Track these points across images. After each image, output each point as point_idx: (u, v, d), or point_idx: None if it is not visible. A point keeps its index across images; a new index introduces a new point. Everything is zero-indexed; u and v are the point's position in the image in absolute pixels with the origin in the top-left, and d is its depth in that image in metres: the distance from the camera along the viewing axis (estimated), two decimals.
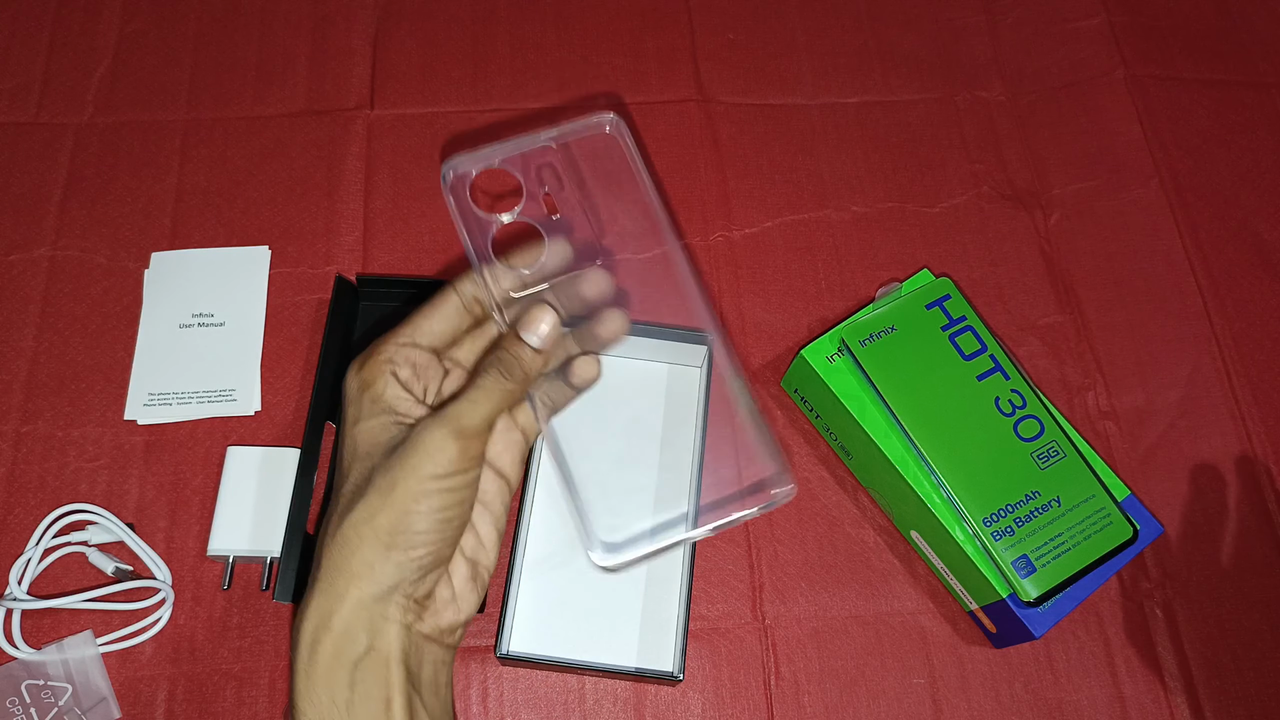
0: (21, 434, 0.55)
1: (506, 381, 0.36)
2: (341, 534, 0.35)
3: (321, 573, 0.35)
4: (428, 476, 0.35)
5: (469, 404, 0.36)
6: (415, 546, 0.35)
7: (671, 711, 0.51)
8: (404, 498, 0.35)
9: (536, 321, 0.37)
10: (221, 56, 0.66)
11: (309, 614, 0.35)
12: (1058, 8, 0.71)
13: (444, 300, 0.39)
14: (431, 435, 0.35)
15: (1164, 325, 0.61)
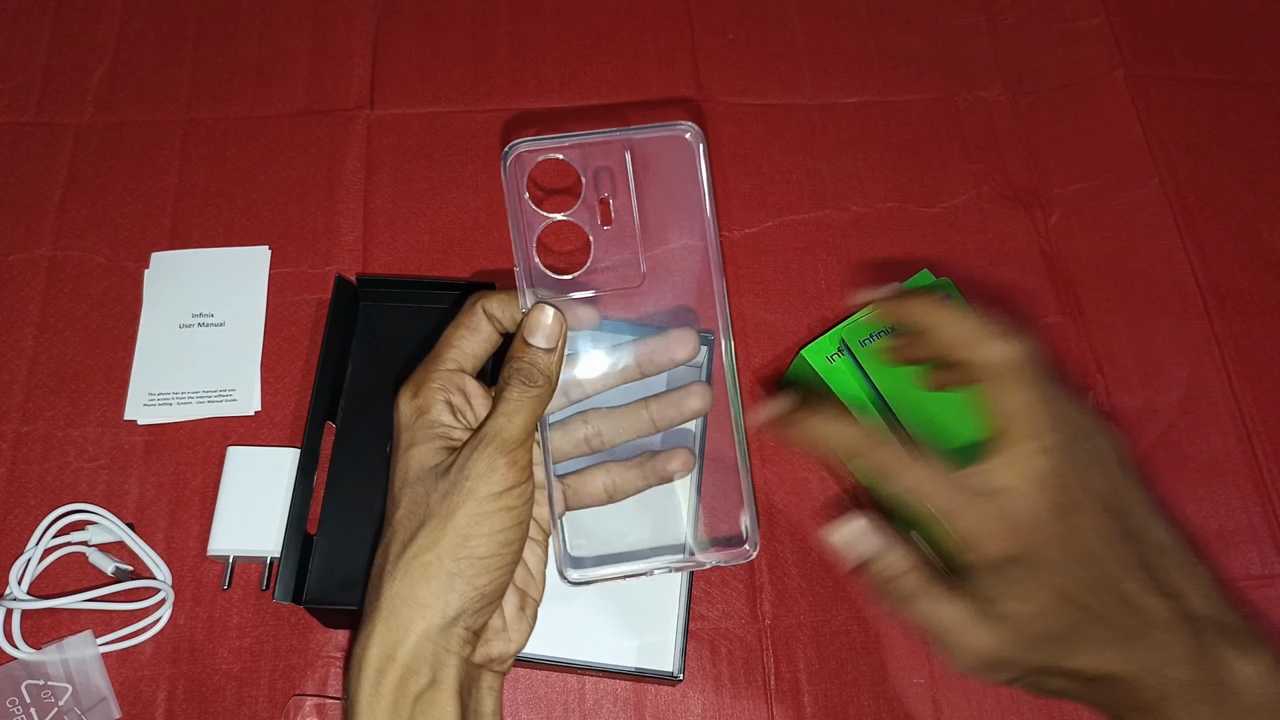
0: (21, 434, 0.55)
1: (530, 388, 0.37)
2: (405, 563, 0.35)
3: (384, 601, 0.35)
4: (485, 497, 0.35)
5: (504, 419, 0.37)
6: (480, 574, 0.35)
7: (671, 711, 0.51)
8: (465, 522, 0.35)
9: (538, 323, 0.37)
10: (221, 56, 0.66)
11: (373, 643, 0.35)
12: (1058, 8, 0.71)
13: (475, 322, 0.40)
14: (480, 456, 0.36)
15: (1164, 325, 0.61)
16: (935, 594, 0.35)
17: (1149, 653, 0.33)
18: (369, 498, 0.51)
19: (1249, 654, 0.33)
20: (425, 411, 0.38)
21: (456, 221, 0.62)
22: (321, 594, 0.49)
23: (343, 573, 0.50)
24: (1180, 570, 0.35)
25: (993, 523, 0.34)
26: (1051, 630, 0.34)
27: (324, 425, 0.52)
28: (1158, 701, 0.33)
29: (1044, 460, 0.34)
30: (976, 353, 0.35)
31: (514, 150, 0.37)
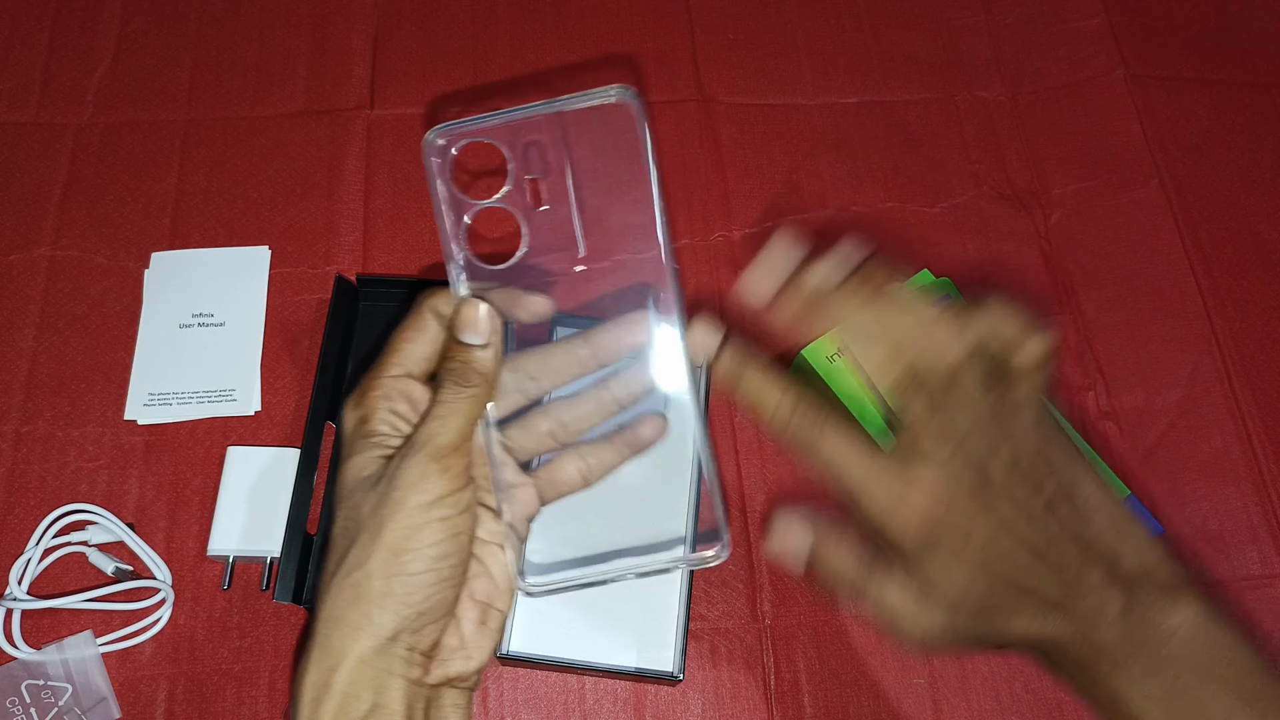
0: (21, 434, 0.55)
1: (464, 389, 0.35)
2: (336, 584, 0.33)
3: (319, 626, 0.33)
4: (416, 508, 0.33)
5: (437, 422, 0.34)
6: (414, 591, 0.33)
7: (671, 711, 0.51)
8: (395, 536, 0.33)
9: (468, 319, 0.35)
10: (221, 56, 0.66)
11: (309, 671, 0.33)
12: (1058, 8, 0.71)
13: (423, 323, 0.37)
14: (410, 464, 0.33)
15: (1164, 325, 0.61)
16: (877, 579, 0.35)
17: (1078, 617, 0.33)
18: None
19: (1179, 605, 0.33)
20: (366, 420, 0.35)
21: None
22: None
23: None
24: (1112, 529, 0.35)
25: (913, 491, 0.34)
26: (983, 603, 0.34)
27: (324, 425, 0.52)
28: (1092, 661, 0.34)
29: (964, 440, 0.34)
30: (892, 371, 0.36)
31: (433, 137, 0.35)
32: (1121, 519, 0.35)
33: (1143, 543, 0.35)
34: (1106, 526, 0.35)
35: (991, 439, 0.34)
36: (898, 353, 0.36)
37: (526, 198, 0.36)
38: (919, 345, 0.35)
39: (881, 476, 0.34)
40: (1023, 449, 0.35)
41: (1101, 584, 0.33)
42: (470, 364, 0.35)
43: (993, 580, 0.34)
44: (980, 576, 0.34)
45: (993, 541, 0.34)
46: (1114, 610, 0.33)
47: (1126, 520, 0.35)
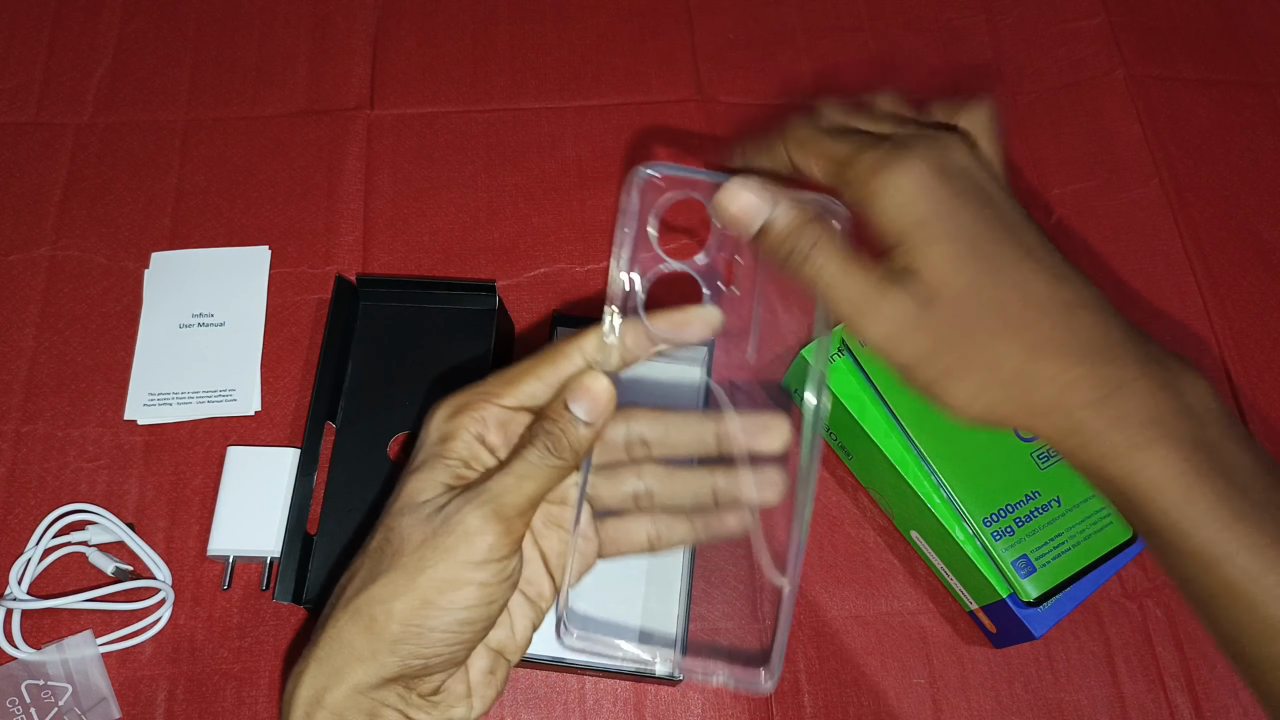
0: (21, 434, 0.55)
1: (552, 457, 0.32)
2: (354, 605, 0.32)
3: (324, 638, 0.32)
4: (461, 563, 0.31)
5: (513, 480, 0.32)
6: (428, 646, 0.31)
7: (671, 711, 0.51)
8: (429, 586, 0.31)
9: (586, 390, 0.32)
10: (221, 56, 0.66)
11: (304, 682, 0.32)
12: (1058, 8, 0.71)
13: (565, 361, 0.34)
14: (470, 516, 0.31)
15: (1164, 325, 0.61)
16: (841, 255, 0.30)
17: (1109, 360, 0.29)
18: (369, 498, 0.51)
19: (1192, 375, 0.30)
20: (451, 438, 0.33)
21: (456, 221, 0.62)
22: (321, 594, 0.49)
23: (343, 573, 0.50)
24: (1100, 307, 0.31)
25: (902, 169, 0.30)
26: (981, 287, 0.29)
27: (324, 425, 0.52)
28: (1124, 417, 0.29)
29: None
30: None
31: (646, 171, 0.32)
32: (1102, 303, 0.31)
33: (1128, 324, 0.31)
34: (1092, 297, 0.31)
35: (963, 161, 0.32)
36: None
37: (719, 273, 0.33)
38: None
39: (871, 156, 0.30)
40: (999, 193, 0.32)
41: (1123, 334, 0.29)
42: (567, 436, 0.32)
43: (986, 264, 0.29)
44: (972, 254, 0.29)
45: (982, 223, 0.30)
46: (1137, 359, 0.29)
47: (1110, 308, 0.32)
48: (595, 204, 0.63)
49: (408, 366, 0.54)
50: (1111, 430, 0.29)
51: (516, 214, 0.62)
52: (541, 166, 0.64)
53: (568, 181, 0.63)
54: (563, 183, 0.63)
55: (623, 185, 0.32)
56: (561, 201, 0.63)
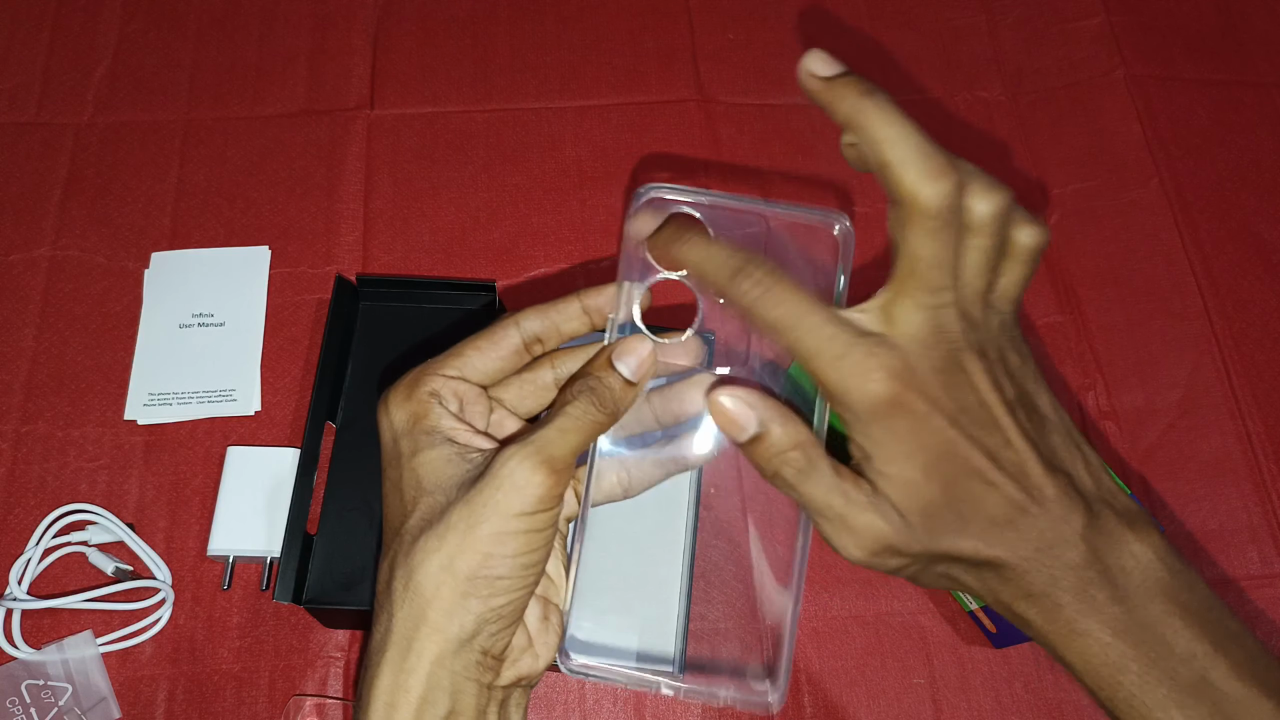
0: (21, 434, 0.55)
1: (598, 412, 0.33)
2: (416, 582, 0.32)
3: (395, 625, 0.32)
4: (514, 514, 0.32)
5: (558, 432, 0.33)
6: (496, 594, 0.32)
7: (671, 711, 0.51)
8: (487, 539, 0.32)
9: (632, 351, 0.34)
10: (221, 56, 0.66)
11: (383, 671, 0.32)
12: (1058, 8, 0.71)
13: (502, 336, 0.36)
14: (520, 467, 0.32)
15: (1164, 325, 0.61)
16: (822, 472, 0.31)
17: (1040, 531, 0.30)
18: (369, 498, 0.51)
19: (1140, 534, 0.31)
20: (423, 417, 0.34)
21: (456, 221, 0.62)
22: (321, 594, 0.49)
23: (343, 573, 0.50)
24: (1068, 446, 0.32)
25: (871, 361, 0.30)
26: (938, 502, 0.31)
27: (324, 425, 0.52)
28: (1049, 587, 0.31)
29: (943, 311, 0.30)
30: (903, 184, 0.30)
31: (646, 195, 0.34)
32: (1077, 438, 0.33)
33: (1098, 467, 0.33)
34: (1063, 442, 0.32)
35: (980, 325, 0.31)
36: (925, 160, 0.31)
37: None
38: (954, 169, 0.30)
39: (841, 340, 0.30)
40: (989, 342, 0.31)
41: (1062, 498, 0.31)
42: (613, 392, 0.34)
43: (947, 477, 0.30)
44: (935, 470, 0.30)
45: (952, 430, 0.30)
46: (1076, 528, 0.30)
47: (1082, 441, 0.33)
48: (595, 204, 0.63)
49: (408, 366, 0.54)
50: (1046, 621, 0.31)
51: (516, 214, 0.62)
52: (541, 166, 0.64)
53: (568, 181, 0.63)
54: (563, 183, 0.63)
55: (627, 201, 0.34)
56: (561, 201, 0.63)
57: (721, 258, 0.32)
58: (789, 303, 0.31)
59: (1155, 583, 0.31)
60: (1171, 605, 0.30)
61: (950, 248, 0.30)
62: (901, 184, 0.30)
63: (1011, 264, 0.32)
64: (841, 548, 0.32)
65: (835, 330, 0.30)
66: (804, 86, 0.32)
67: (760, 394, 0.32)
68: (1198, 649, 0.30)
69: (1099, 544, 0.31)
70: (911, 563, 0.32)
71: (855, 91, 0.31)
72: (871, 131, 0.31)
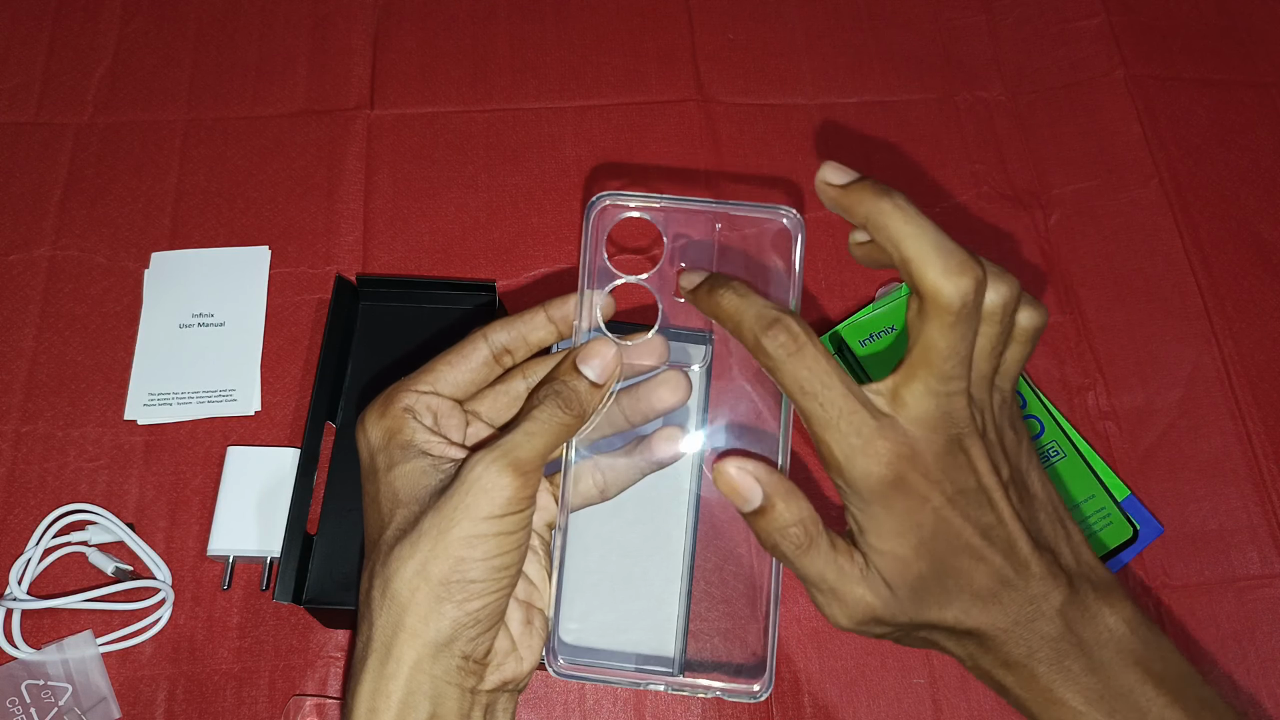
0: (21, 434, 0.55)
1: (564, 414, 0.35)
2: (392, 590, 0.33)
3: (376, 632, 0.33)
4: (483, 518, 0.33)
5: (525, 436, 0.34)
6: (470, 598, 0.33)
7: (671, 711, 0.51)
8: (458, 544, 0.32)
9: (597, 354, 0.35)
10: (221, 56, 0.66)
11: (364, 678, 0.33)
12: (1058, 8, 0.71)
13: (471, 349, 0.37)
14: (486, 470, 0.33)
15: (1164, 325, 0.61)
16: (820, 548, 0.33)
17: (1020, 605, 0.32)
18: None
19: (1115, 606, 0.33)
20: (397, 432, 0.35)
21: (456, 221, 0.62)
22: (321, 594, 0.49)
23: (343, 573, 0.50)
24: (1053, 523, 0.34)
25: (880, 444, 0.31)
26: (926, 577, 0.32)
27: (324, 425, 0.52)
28: (1026, 657, 0.32)
29: (954, 399, 0.32)
30: (925, 280, 0.31)
31: (600, 202, 0.36)
32: (1062, 514, 0.34)
33: (1079, 543, 0.34)
34: (1049, 520, 0.34)
35: (985, 411, 0.33)
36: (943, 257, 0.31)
37: (671, 286, 0.36)
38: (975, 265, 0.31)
39: (854, 413, 0.31)
40: (990, 422, 0.33)
41: (1044, 575, 0.32)
42: (579, 395, 0.35)
43: (937, 555, 0.32)
44: (926, 548, 0.32)
45: (948, 511, 0.32)
46: (1055, 603, 0.32)
47: (1066, 517, 0.35)
48: None
49: (408, 366, 0.54)
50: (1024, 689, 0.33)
51: (516, 214, 0.62)
52: (541, 166, 0.64)
53: (568, 181, 0.63)
54: (563, 183, 0.63)
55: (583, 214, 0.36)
56: (561, 201, 0.63)
57: (756, 310, 0.33)
58: (815, 370, 0.32)
59: (1128, 653, 0.32)
60: (1144, 674, 0.32)
61: (967, 341, 0.31)
62: (924, 280, 0.31)
63: (1014, 345, 0.33)
64: (831, 616, 0.33)
65: (854, 405, 0.31)
66: (822, 196, 0.33)
67: (766, 468, 0.34)
68: (1170, 716, 0.32)
69: (1075, 617, 0.32)
70: (895, 630, 0.33)
71: (872, 194, 0.32)
72: (891, 231, 0.31)
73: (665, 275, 0.36)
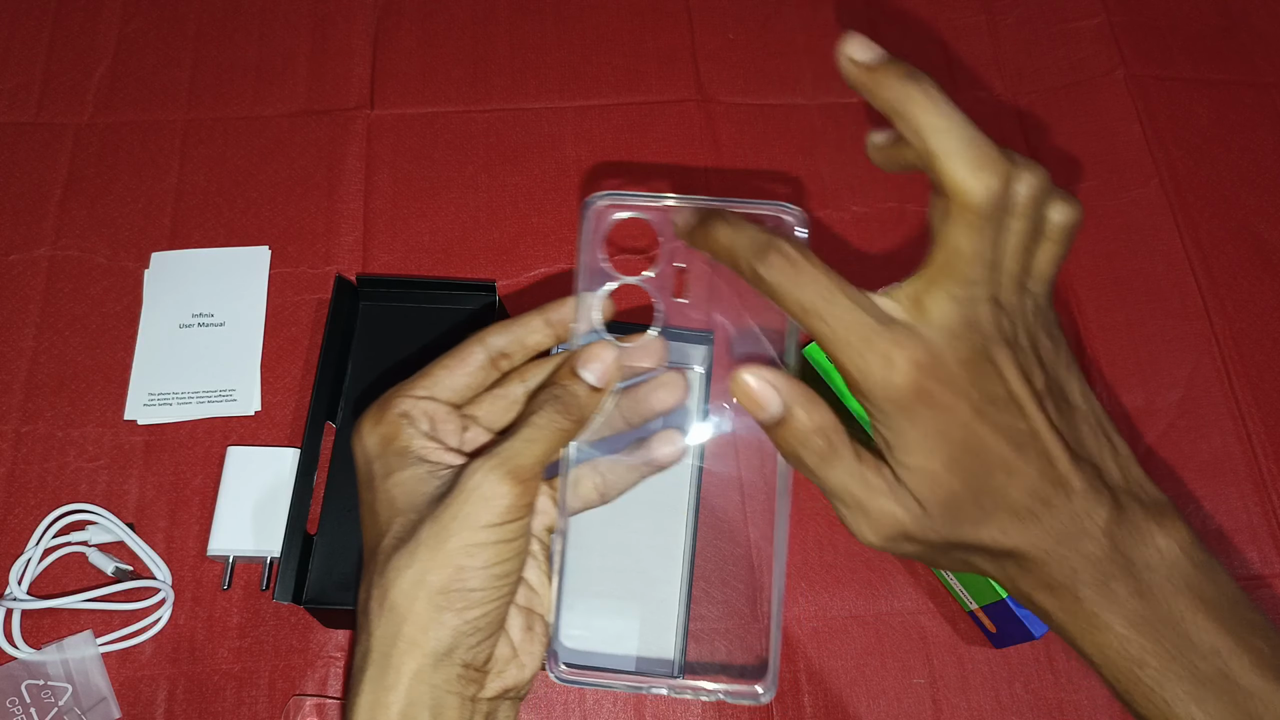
0: (21, 434, 0.55)
1: (563, 420, 0.34)
2: (390, 600, 0.32)
3: (374, 644, 0.32)
4: (482, 526, 0.32)
5: (524, 443, 0.33)
6: (471, 606, 0.32)
7: (671, 711, 0.51)
8: (457, 552, 0.32)
9: (596, 357, 0.35)
10: (221, 56, 0.66)
11: (363, 689, 0.32)
12: (1058, 8, 0.71)
13: (468, 354, 0.36)
14: (485, 478, 0.32)
15: (1164, 325, 0.61)
16: (843, 458, 0.31)
17: (1063, 523, 0.30)
18: None
19: (1166, 527, 0.30)
20: (394, 439, 0.34)
21: (456, 221, 0.62)
22: (321, 594, 0.49)
23: (343, 573, 0.50)
24: (1097, 437, 0.32)
25: (897, 351, 0.29)
26: (960, 494, 0.30)
27: (324, 425, 0.52)
28: (1069, 579, 0.30)
29: (978, 304, 0.30)
30: (951, 176, 0.29)
31: (595, 202, 0.35)
32: (1108, 428, 0.32)
33: (1127, 458, 0.32)
34: (1091, 432, 0.32)
35: (1013, 313, 0.30)
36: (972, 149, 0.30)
37: (670, 285, 0.36)
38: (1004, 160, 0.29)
39: (867, 327, 0.29)
40: (1021, 328, 0.31)
41: (1087, 490, 0.30)
42: (578, 399, 0.34)
43: (970, 470, 0.30)
44: (958, 463, 0.30)
45: (977, 423, 0.30)
46: (1100, 521, 0.30)
47: (1113, 430, 0.32)
48: None
49: (408, 366, 0.54)
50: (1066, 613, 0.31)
51: (516, 214, 0.62)
52: (541, 166, 0.64)
53: (568, 181, 0.63)
54: (563, 183, 0.63)
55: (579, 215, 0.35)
56: (561, 201, 0.63)
57: (748, 238, 0.31)
58: (817, 284, 0.30)
59: (1179, 576, 0.30)
60: (1194, 599, 0.30)
61: (992, 242, 0.29)
62: (949, 176, 0.29)
63: (1046, 243, 0.31)
64: (857, 532, 0.31)
65: (862, 316, 0.29)
66: (844, 72, 0.31)
67: (785, 375, 0.32)
68: (1220, 643, 0.30)
69: (1122, 537, 0.30)
70: (928, 549, 0.31)
71: (899, 77, 0.30)
72: (918, 120, 0.30)
73: (664, 276, 0.36)
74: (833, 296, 0.29)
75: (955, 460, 0.30)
